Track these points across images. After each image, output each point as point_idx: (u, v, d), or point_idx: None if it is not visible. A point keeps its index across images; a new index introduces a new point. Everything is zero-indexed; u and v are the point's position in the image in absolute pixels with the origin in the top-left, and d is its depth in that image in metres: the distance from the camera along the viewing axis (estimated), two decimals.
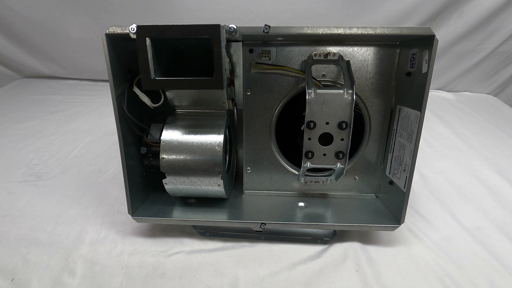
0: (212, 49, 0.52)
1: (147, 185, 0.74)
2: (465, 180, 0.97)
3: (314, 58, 0.66)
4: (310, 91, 0.60)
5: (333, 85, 0.69)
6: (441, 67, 1.70)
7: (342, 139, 0.62)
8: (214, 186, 0.66)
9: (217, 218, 0.69)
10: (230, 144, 0.77)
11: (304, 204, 0.75)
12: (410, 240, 0.73)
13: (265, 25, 0.55)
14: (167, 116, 0.69)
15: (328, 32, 0.56)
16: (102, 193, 0.88)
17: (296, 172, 0.76)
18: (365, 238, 0.72)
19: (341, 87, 0.61)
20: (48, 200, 0.85)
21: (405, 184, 0.64)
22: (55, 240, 0.71)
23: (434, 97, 1.71)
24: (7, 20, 1.62)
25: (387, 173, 0.72)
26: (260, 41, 0.67)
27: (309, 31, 0.56)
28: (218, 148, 0.64)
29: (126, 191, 0.65)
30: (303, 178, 0.71)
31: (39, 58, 1.78)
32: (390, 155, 0.71)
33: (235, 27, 0.54)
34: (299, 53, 0.67)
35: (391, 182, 0.70)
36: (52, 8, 1.59)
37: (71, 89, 1.75)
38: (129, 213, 0.67)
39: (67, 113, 1.43)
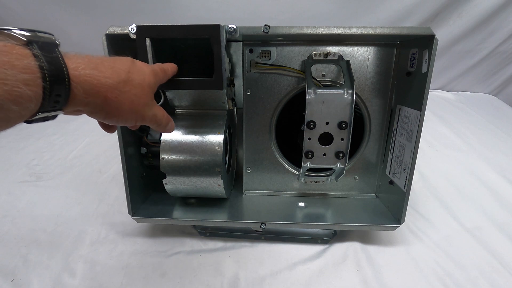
0: (212, 49, 0.52)
1: (147, 185, 0.74)
2: (465, 180, 0.97)
3: (314, 58, 0.66)
4: (310, 91, 0.60)
5: (333, 85, 0.69)
6: (441, 67, 1.69)
7: (342, 139, 0.62)
8: (214, 186, 0.66)
9: (217, 218, 0.69)
10: (230, 144, 0.77)
11: (304, 204, 0.74)
12: (410, 240, 0.73)
13: (265, 25, 0.55)
14: None
15: (328, 32, 0.56)
16: (102, 193, 0.88)
17: (296, 172, 0.76)
18: (365, 238, 0.72)
19: (341, 87, 0.61)
20: (48, 200, 0.85)
21: (405, 184, 0.64)
22: (56, 240, 0.71)
23: (434, 97, 1.70)
24: (7, 20, 1.61)
25: (387, 173, 0.72)
26: (260, 41, 0.67)
27: (309, 31, 0.56)
28: (218, 148, 0.64)
29: (126, 191, 0.65)
30: (303, 178, 0.71)
31: None
32: (390, 155, 0.71)
33: (235, 27, 0.54)
34: (299, 53, 0.67)
35: (391, 182, 0.70)
36: (52, 8, 1.58)
37: None
38: (129, 213, 0.67)
39: None
